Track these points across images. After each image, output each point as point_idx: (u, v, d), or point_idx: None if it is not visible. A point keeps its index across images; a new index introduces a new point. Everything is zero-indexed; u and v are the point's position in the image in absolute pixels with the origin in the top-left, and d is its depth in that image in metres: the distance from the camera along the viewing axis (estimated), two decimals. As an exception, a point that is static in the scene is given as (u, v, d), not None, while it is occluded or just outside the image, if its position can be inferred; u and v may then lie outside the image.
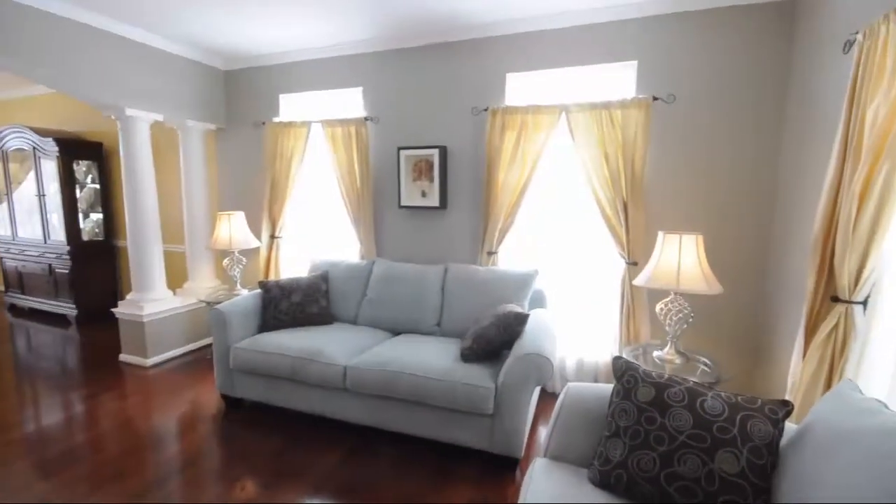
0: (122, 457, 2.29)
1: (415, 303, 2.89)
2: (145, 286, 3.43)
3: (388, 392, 2.27)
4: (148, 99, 3.31)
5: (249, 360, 2.60)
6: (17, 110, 5.24)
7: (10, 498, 1.97)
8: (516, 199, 2.95)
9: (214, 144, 4.04)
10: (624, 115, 2.64)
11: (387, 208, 3.49)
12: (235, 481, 2.11)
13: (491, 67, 3.05)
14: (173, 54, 3.48)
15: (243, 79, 3.88)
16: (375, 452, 2.34)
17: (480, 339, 2.27)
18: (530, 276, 2.76)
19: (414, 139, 3.32)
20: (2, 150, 4.68)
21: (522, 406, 2.05)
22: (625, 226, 2.68)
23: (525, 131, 2.87)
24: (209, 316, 2.74)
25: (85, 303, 4.49)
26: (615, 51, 2.74)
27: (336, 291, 3.13)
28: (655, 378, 1.37)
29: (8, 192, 4.82)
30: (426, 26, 3.02)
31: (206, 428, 2.60)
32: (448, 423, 2.20)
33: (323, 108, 3.64)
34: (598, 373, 2.94)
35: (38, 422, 2.65)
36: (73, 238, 4.42)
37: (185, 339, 3.71)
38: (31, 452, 2.33)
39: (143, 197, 3.36)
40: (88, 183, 4.62)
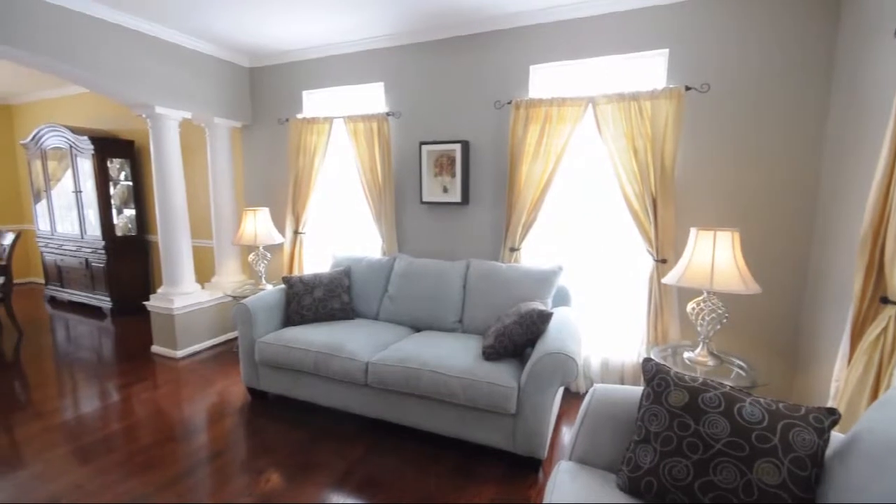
0: (154, 446, 2.36)
1: (436, 299, 2.87)
2: (175, 280, 3.52)
3: (409, 389, 2.26)
4: (177, 97, 3.38)
5: (274, 354, 2.64)
6: (54, 110, 5.47)
7: (50, 482, 2.06)
8: (540, 194, 2.89)
9: (240, 141, 4.11)
10: (654, 106, 2.53)
11: (408, 204, 3.48)
12: (261, 473, 2.14)
13: (514, 59, 2.98)
14: (201, 53, 3.54)
15: (268, 76, 3.92)
16: (397, 448, 2.34)
17: (502, 337, 2.23)
18: (554, 273, 2.70)
19: (436, 134, 3.29)
20: (41, 148, 4.89)
21: (546, 406, 2.00)
22: (653, 222, 2.59)
23: (549, 124, 2.80)
24: (235, 310, 2.79)
25: (119, 295, 4.67)
26: (645, 39, 2.64)
27: (358, 287, 3.14)
28: (689, 382, 1.30)
29: (47, 189, 5.04)
30: (448, 19, 2.98)
31: (233, 420, 2.65)
32: (469, 421, 2.18)
33: (345, 103, 3.65)
34: (624, 374, 2.86)
35: (76, 410, 2.76)
36: (108, 233, 4.58)
37: (213, 333, 3.80)
38: (70, 439, 2.42)
39: (173, 193, 3.45)
40: (121, 180, 4.78)
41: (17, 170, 6.01)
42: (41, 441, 2.40)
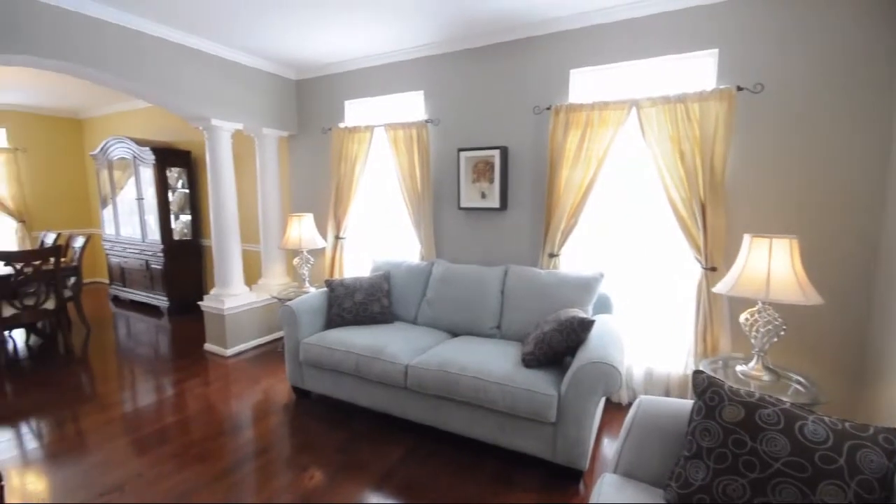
0: (206, 439, 2.49)
1: (474, 305, 2.87)
2: (226, 282, 3.72)
3: (447, 393, 2.27)
4: (230, 110, 3.58)
5: (317, 355, 2.72)
6: (120, 123, 5.92)
7: (114, 469, 2.21)
8: (580, 199, 2.84)
9: (287, 150, 4.29)
10: (702, 109, 2.44)
11: (446, 209, 3.51)
12: (304, 470, 2.21)
13: (554, 64, 2.96)
14: (253, 68, 3.74)
15: (313, 87, 4.08)
16: (436, 453, 2.35)
17: (542, 344, 2.21)
18: (595, 280, 2.64)
19: (474, 140, 3.31)
20: (108, 158, 5.30)
21: (587, 416, 1.96)
22: (702, 228, 2.48)
23: (590, 129, 2.75)
24: (281, 312, 2.90)
25: (175, 295, 4.97)
26: (693, 39, 2.55)
27: (397, 291, 3.20)
28: (744, 397, 1.24)
29: (112, 196, 5.45)
30: (488, 26, 3.00)
31: (278, 417, 2.76)
32: (508, 428, 2.16)
33: (385, 112, 3.74)
34: (669, 385, 2.75)
35: (134, 403, 2.96)
36: (166, 237, 4.90)
37: (259, 332, 3.97)
38: (130, 430, 2.60)
39: (226, 200, 3.65)
40: (179, 187, 5.10)
41: (87, 179, 6.54)
42: (105, 431, 2.58)
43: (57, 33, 2.59)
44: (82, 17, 2.68)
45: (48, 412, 2.80)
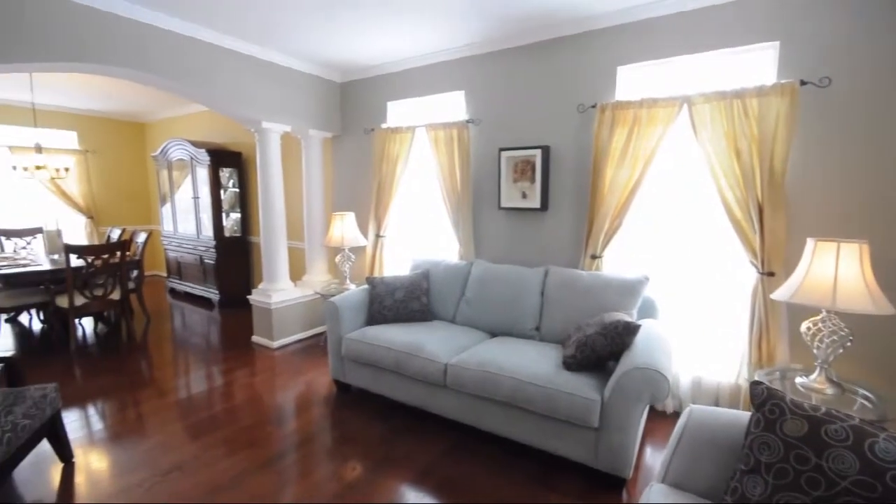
0: (253, 427, 2.62)
1: (513, 305, 2.86)
2: (273, 277, 3.88)
3: (486, 393, 2.27)
4: (279, 112, 3.73)
5: (358, 350, 2.80)
6: (178, 126, 6.30)
7: (172, 451, 2.36)
8: (625, 199, 2.76)
9: (330, 150, 4.42)
10: (761, 104, 2.31)
11: (486, 209, 3.50)
12: (346, 461, 2.28)
13: (599, 61, 2.89)
14: (300, 71, 3.88)
15: (356, 89, 4.19)
16: (474, 452, 2.36)
17: (584, 347, 2.16)
18: (640, 283, 2.56)
19: (516, 140, 3.29)
20: (167, 159, 5.65)
21: (632, 423, 1.90)
22: (759, 231, 2.35)
23: (638, 127, 2.67)
24: (324, 307, 3.00)
25: (225, 289, 5.24)
26: (750, 31, 2.42)
27: (435, 290, 3.23)
28: (808, 411, 1.17)
29: (171, 195, 5.81)
30: (532, 24, 2.97)
31: (320, 409, 2.85)
32: (548, 431, 2.14)
33: (427, 112, 3.78)
34: (719, 395, 2.62)
35: (188, 390, 3.14)
36: (219, 234, 5.18)
37: (303, 326, 4.12)
38: (184, 416, 2.76)
39: (274, 199, 3.81)
40: (230, 187, 5.37)
41: (148, 178, 7.00)
42: (163, 415, 2.76)
43: (131, 44, 2.79)
44: (154, 29, 2.88)
45: (112, 395, 3.03)
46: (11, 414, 1.84)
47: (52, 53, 2.48)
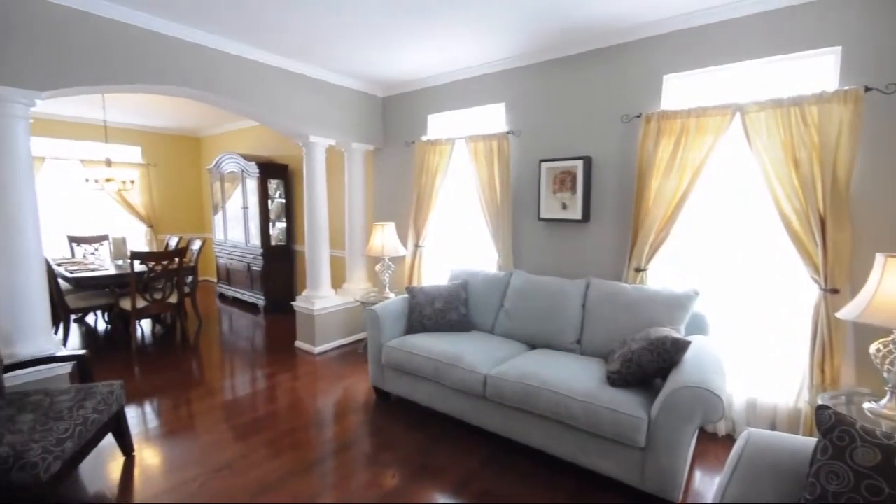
0: (297, 430, 2.70)
1: (553, 318, 2.82)
2: (316, 285, 4.02)
3: (527, 406, 2.25)
4: (325, 126, 3.89)
5: (398, 359, 2.84)
6: (230, 141, 6.67)
7: (222, 450, 2.47)
8: (672, 211, 2.68)
9: (372, 162, 4.55)
10: (822, 112, 2.19)
11: (525, 220, 3.49)
12: (385, 469, 2.30)
13: (645, 70, 2.84)
14: (346, 87, 4.04)
15: (398, 103, 4.30)
16: (513, 465, 2.33)
17: (630, 363, 2.10)
18: (688, 298, 2.46)
19: (556, 151, 3.27)
20: (220, 172, 5.99)
21: (683, 444, 1.82)
22: (821, 245, 2.22)
23: (686, 136, 2.59)
24: (365, 315, 3.07)
25: (271, 295, 5.46)
26: (809, 37, 2.31)
27: (474, 300, 3.23)
28: (881, 439, 1.09)
29: (222, 205, 6.14)
30: (576, 35, 2.96)
31: (360, 415, 2.90)
32: (590, 448, 2.08)
33: (466, 124, 3.83)
34: (776, 419, 2.47)
35: (236, 391, 3.28)
36: (265, 242, 5.42)
37: (343, 333, 4.22)
38: (232, 416, 2.88)
39: (318, 210, 3.96)
40: (276, 197, 5.62)
41: (202, 189, 7.44)
42: (213, 415, 2.89)
43: (191, 66, 3.00)
44: (211, 51, 3.09)
45: (167, 393, 3.21)
46: (82, 408, 1.99)
47: (121, 76, 2.71)
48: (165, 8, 2.64)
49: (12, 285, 2.38)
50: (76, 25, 2.49)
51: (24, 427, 1.80)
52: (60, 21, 2.43)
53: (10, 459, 1.62)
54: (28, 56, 2.34)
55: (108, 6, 2.57)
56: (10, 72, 2.28)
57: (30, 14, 2.33)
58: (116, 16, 2.62)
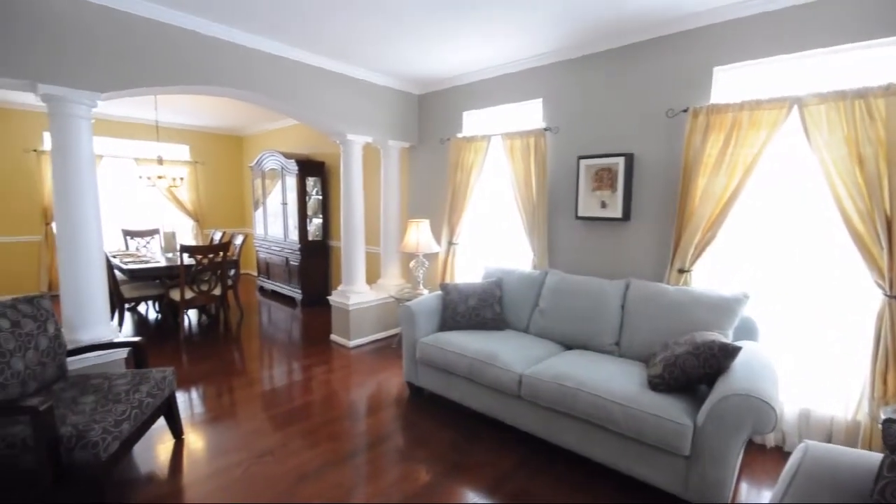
0: (332, 421, 2.76)
1: (590, 318, 2.75)
2: (352, 280, 4.09)
3: (563, 408, 2.21)
4: (363, 124, 3.95)
5: (432, 355, 2.85)
6: (269, 139, 6.90)
7: (263, 438, 2.56)
8: (720, 210, 2.56)
9: (407, 159, 4.59)
10: (889, 106, 2.03)
11: (562, 219, 3.42)
12: (419, 464, 2.32)
13: (692, 63, 2.72)
14: (383, 86, 4.08)
15: (433, 100, 4.31)
16: (548, 466, 2.30)
17: (673, 367, 2.02)
18: (737, 301, 2.35)
19: (596, 147, 3.19)
20: (261, 169, 6.20)
21: (731, 454, 1.74)
22: (887, 247, 2.06)
23: (737, 132, 2.47)
24: (400, 311, 3.10)
25: (307, 289, 5.62)
26: (875, 25, 2.14)
27: (508, 298, 3.21)
28: (965, 460, 1.00)
29: (263, 201, 6.36)
30: (618, 28, 2.87)
31: (394, 410, 2.94)
32: (630, 453, 2.03)
33: (502, 121, 3.79)
34: (832, 431, 2.32)
35: (275, 381, 3.40)
36: (303, 238, 5.57)
37: (377, 328, 4.29)
38: (272, 405, 2.98)
39: (354, 206, 4.03)
40: (314, 194, 5.76)
41: (244, 186, 7.73)
42: (254, 403, 3.00)
43: (236, 66, 3.12)
44: (254, 52, 3.19)
45: (211, 381, 3.36)
46: (138, 392, 2.11)
47: (172, 77, 2.83)
48: (214, 11, 2.75)
49: (76, 276, 2.56)
50: (132, 29, 2.63)
51: (85, 408, 1.93)
52: (118, 25, 2.58)
53: (74, 439, 1.74)
54: (89, 59, 2.49)
55: (162, 10, 2.70)
56: (73, 74, 2.44)
57: (90, 19, 2.48)
58: (169, 19, 2.75)
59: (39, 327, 2.10)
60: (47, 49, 2.35)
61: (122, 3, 2.56)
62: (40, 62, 2.33)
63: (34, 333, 2.06)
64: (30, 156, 5.60)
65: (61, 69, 2.40)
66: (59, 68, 2.39)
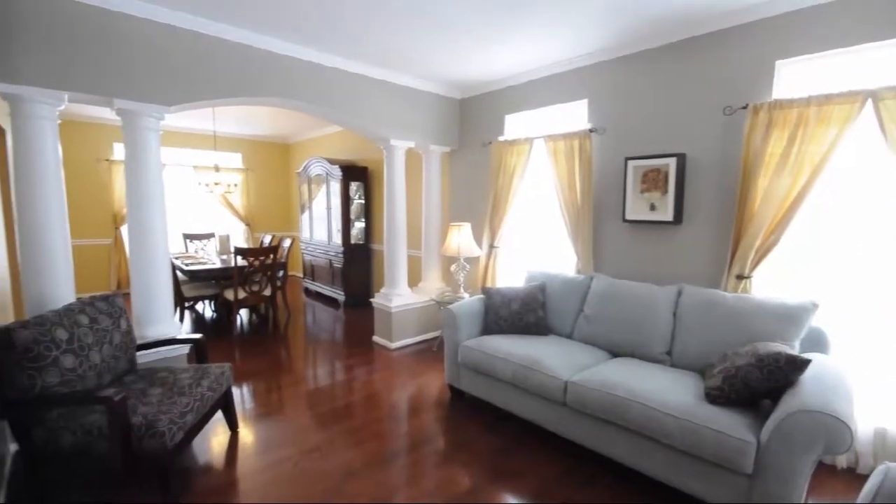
0: (376, 421, 2.81)
1: (639, 325, 2.65)
2: (394, 282, 4.16)
3: (612, 417, 2.14)
4: (406, 130, 4.02)
5: (474, 359, 2.84)
6: (314, 146, 7.16)
7: (313, 434, 2.64)
8: (784, 213, 2.40)
9: (448, 164, 4.62)
10: None
11: (608, 222, 3.33)
12: (463, 468, 2.32)
13: (752, 56, 2.57)
14: (425, 91, 4.14)
15: (475, 105, 4.32)
16: (595, 478, 2.23)
17: (734, 380, 1.91)
18: (804, 310, 2.19)
19: (645, 148, 3.08)
20: (308, 175, 6.44)
21: (799, 475, 1.62)
22: (984, 253, 1.85)
23: (803, 128, 2.31)
24: (442, 314, 3.12)
25: (350, 291, 5.77)
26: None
27: (552, 303, 3.15)
28: None
29: (309, 206, 6.59)
30: (670, 23, 2.76)
31: (436, 412, 2.95)
32: (685, 468, 1.93)
33: (545, 123, 3.74)
34: (916, 455, 2.11)
35: (318, 381, 3.49)
36: (346, 241, 5.73)
37: (418, 331, 4.33)
38: (318, 403, 3.07)
39: (397, 210, 4.10)
40: (356, 199, 5.91)
41: (291, 191, 8.06)
42: (300, 401, 3.10)
43: (286, 77, 3.26)
44: (305, 63, 3.33)
45: (261, 377, 3.51)
46: (200, 386, 2.24)
47: (231, 90, 3.00)
48: (267, 25, 2.89)
49: (146, 277, 2.75)
50: (194, 46, 2.81)
51: (153, 400, 2.07)
52: (182, 43, 2.76)
53: (143, 428, 1.87)
54: (157, 76, 2.68)
55: (224, 28, 2.87)
56: (143, 90, 2.63)
57: (159, 39, 2.67)
58: (230, 36, 2.92)
59: (114, 323, 2.28)
60: (122, 68, 2.55)
61: (187, 22, 2.74)
62: (116, 80, 2.54)
63: (109, 329, 2.23)
64: (101, 165, 6.10)
65: (134, 86, 2.60)
66: (132, 85, 2.59)
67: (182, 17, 2.71)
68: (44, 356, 1.85)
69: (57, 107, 2.40)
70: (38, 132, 2.32)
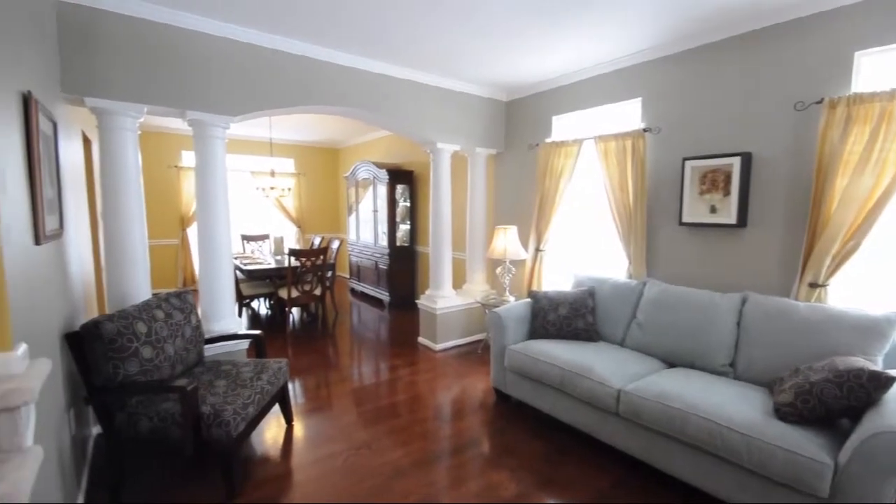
0: (423, 421, 2.84)
1: (698, 334, 2.52)
2: (439, 285, 4.20)
3: (669, 430, 2.04)
4: (452, 133, 4.06)
5: (521, 363, 2.82)
6: (361, 151, 7.37)
7: (357, 432, 2.72)
8: (865, 216, 2.20)
9: (493, 166, 4.61)
10: None
11: (662, 225, 3.19)
12: (510, 472, 2.30)
13: (827, 48, 2.39)
14: (471, 94, 4.16)
15: (521, 107, 4.29)
16: (647, 490, 2.14)
17: (807, 395, 1.77)
18: (889, 323, 2.00)
19: (705, 148, 2.93)
20: (355, 179, 6.63)
21: (883, 501, 1.48)
22: None
23: (886, 124, 2.11)
24: (488, 317, 3.11)
25: (395, 292, 5.88)
26: None
27: (601, 309, 3.06)
28: None
29: (356, 208, 6.79)
30: (732, 14, 2.61)
31: (480, 415, 2.95)
32: (751, 488, 1.81)
33: (595, 123, 3.64)
34: None
35: (364, 379, 3.58)
36: (392, 243, 5.85)
37: (462, 333, 4.35)
38: (365, 401, 3.15)
39: (443, 212, 4.14)
40: (402, 202, 6.02)
41: (338, 194, 8.33)
42: (348, 398, 3.19)
43: (339, 85, 3.38)
44: (355, 71, 3.44)
45: (311, 374, 3.64)
46: (260, 379, 2.37)
47: (290, 100, 3.16)
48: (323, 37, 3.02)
49: (212, 276, 2.95)
50: (260, 59, 2.98)
51: (219, 391, 2.21)
52: (249, 57, 2.94)
53: (211, 417, 2.00)
54: (225, 88, 2.87)
55: (285, 41, 3.03)
56: (212, 102, 2.82)
57: (227, 54, 2.86)
58: (295, 49, 3.09)
59: (185, 318, 2.45)
60: (194, 82, 2.75)
61: (253, 37, 2.91)
62: (189, 93, 2.74)
63: (181, 323, 2.41)
64: (171, 171, 6.59)
65: (204, 98, 2.79)
66: (202, 97, 2.79)
67: (249, 33, 2.89)
68: (126, 347, 2.02)
69: (138, 119, 2.62)
70: (121, 142, 2.55)
